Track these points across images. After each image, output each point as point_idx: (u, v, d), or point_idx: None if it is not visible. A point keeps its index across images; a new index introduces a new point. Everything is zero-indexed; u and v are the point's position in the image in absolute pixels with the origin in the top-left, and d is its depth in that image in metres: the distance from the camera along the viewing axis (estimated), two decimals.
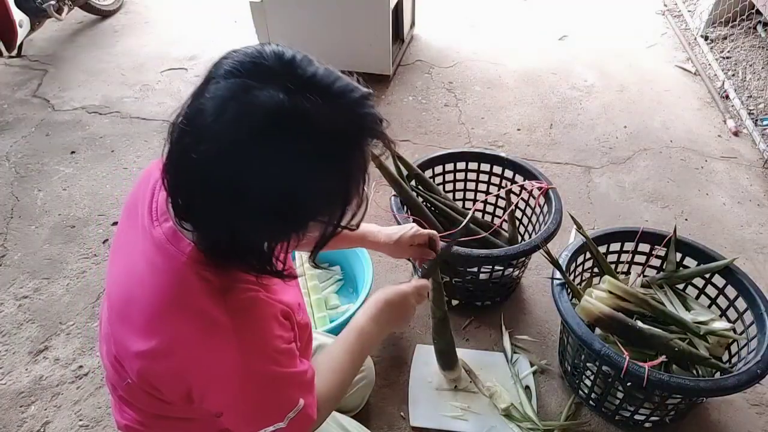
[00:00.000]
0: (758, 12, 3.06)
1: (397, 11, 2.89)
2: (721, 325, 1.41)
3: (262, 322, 0.74)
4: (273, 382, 0.75)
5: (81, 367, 1.62)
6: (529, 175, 1.72)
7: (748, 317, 1.37)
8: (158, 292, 0.71)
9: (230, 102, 0.59)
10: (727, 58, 3.07)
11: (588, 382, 1.45)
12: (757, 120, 2.59)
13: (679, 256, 1.54)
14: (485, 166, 1.83)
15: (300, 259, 1.73)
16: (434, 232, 1.23)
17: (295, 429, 0.79)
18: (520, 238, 1.79)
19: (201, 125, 0.60)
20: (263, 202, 0.62)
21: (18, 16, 2.70)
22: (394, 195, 1.59)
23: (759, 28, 3.20)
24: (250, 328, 0.72)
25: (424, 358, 1.59)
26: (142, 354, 0.72)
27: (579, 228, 1.52)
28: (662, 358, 1.29)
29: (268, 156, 0.59)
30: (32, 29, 2.92)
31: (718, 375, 1.33)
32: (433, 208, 1.67)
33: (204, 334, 0.70)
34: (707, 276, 1.49)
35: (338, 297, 1.75)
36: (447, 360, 1.49)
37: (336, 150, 0.63)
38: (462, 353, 1.58)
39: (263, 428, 0.76)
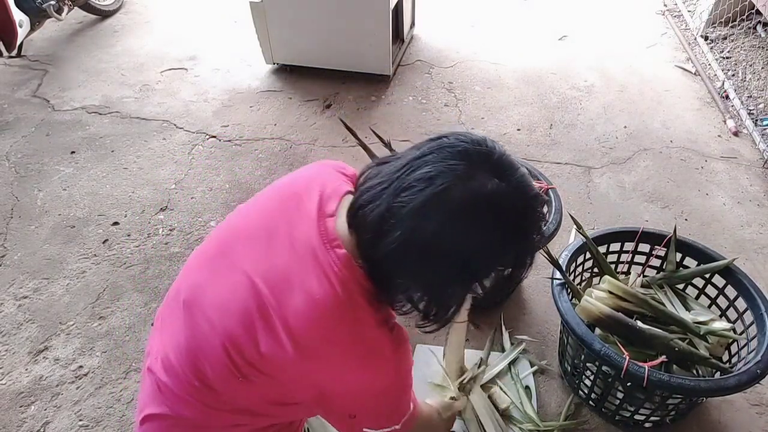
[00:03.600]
0: (758, 12, 3.06)
1: (397, 11, 2.89)
2: (721, 325, 1.41)
3: (408, 351, 0.88)
4: (403, 394, 0.91)
5: (81, 367, 1.62)
6: (528, 174, 1.72)
7: (748, 317, 1.37)
8: (329, 305, 0.77)
9: (459, 180, 0.70)
10: (727, 58, 3.08)
11: (588, 382, 1.45)
12: (757, 120, 2.59)
13: (679, 256, 1.54)
14: None
15: None
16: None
17: (405, 429, 0.93)
18: None
19: (424, 188, 0.70)
20: (451, 265, 0.73)
21: (18, 16, 2.70)
22: None
23: (759, 28, 3.20)
24: (404, 356, 0.85)
25: (424, 358, 1.59)
26: (300, 356, 0.77)
27: (579, 228, 1.52)
28: (662, 358, 1.29)
29: (473, 230, 0.71)
30: (32, 29, 2.91)
31: (718, 375, 1.33)
32: None
33: (367, 358, 0.80)
34: (707, 276, 1.49)
35: None
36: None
37: (520, 239, 0.77)
38: None
39: (385, 427, 0.90)
